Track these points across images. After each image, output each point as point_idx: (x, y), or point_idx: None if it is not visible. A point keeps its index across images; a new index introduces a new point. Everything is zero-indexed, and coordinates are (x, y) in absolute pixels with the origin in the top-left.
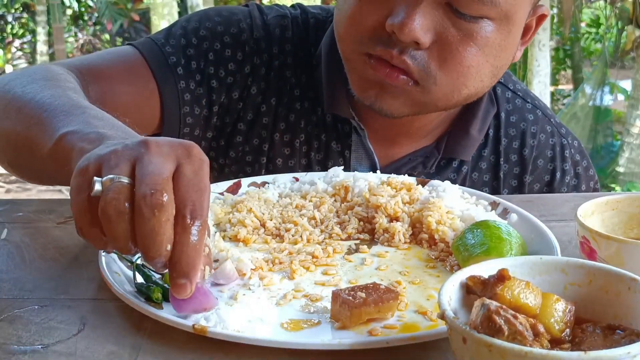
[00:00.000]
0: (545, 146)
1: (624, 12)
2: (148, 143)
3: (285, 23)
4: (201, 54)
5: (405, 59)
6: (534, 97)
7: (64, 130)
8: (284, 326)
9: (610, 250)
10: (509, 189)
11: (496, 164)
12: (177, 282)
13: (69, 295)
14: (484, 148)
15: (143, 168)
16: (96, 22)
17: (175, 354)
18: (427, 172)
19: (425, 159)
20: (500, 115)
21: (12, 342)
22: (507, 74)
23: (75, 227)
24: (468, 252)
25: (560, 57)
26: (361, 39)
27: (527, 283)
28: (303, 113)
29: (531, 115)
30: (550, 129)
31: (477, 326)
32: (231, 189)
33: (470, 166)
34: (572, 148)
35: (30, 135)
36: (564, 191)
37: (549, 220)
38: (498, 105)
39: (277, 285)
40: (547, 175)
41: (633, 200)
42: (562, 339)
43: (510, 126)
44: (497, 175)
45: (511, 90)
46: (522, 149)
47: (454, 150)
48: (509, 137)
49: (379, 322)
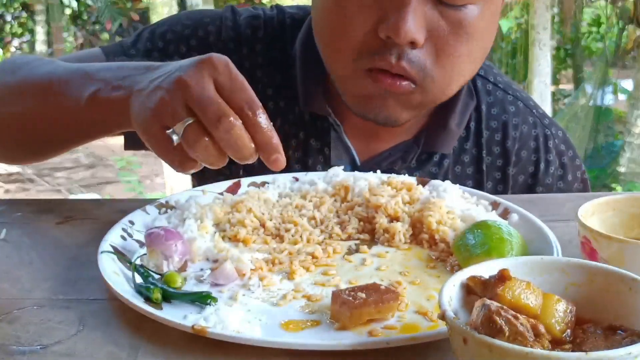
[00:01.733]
0: (528, 137)
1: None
2: (182, 81)
3: (256, 23)
4: (165, 58)
5: (403, 64)
6: (516, 89)
7: (92, 89)
8: (284, 327)
9: (611, 251)
10: (493, 181)
11: (479, 157)
12: (272, 159)
13: (68, 295)
14: (466, 141)
15: (196, 105)
16: (95, 21)
17: (175, 354)
18: (408, 167)
19: (405, 153)
20: (481, 108)
21: (11, 343)
22: (488, 67)
23: (172, 167)
24: (469, 253)
25: (561, 57)
26: (356, 54)
27: (527, 283)
28: (278, 112)
29: (512, 107)
30: (533, 119)
31: (478, 327)
32: (231, 189)
33: (453, 159)
34: (556, 138)
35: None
36: (549, 182)
37: (550, 220)
38: (478, 98)
39: (276, 285)
40: (531, 167)
41: (634, 200)
42: (563, 339)
43: (492, 118)
44: (480, 168)
45: (492, 82)
46: (505, 141)
47: (433, 144)
48: (490, 130)
49: (379, 322)
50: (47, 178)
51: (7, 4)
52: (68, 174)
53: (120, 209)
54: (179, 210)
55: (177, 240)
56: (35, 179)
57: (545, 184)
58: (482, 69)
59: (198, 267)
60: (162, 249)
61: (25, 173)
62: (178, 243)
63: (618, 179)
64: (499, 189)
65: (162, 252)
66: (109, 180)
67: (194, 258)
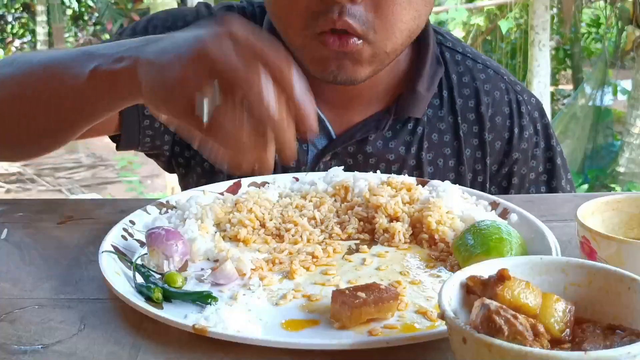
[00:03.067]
0: (501, 103)
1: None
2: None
3: (230, 14)
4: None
5: (347, 19)
6: (486, 59)
7: (94, 64)
8: (284, 326)
9: (610, 251)
10: (471, 148)
11: (455, 124)
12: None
13: (69, 295)
14: (440, 109)
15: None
16: (96, 22)
17: (175, 353)
18: (383, 136)
19: (378, 122)
20: (451, 77)
21: (12, 342)
22: (454, 40)
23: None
24: (468, 252)
25: (560, 57)
26: (305, 22)
27: (527, 283)
28: None
29: (483, 75)
30: (505, 85)
31: (477, 326)
32: (231, 189)
33: (429, 128)
34: (529, 105)
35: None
36: (524, 147)
37: (549, 220)
38: (447, 66)
39: (277, 285)
40: (506, 132)
41: (633, 201)
42: (562, 339)
43: (464, 86)
44: (457, 135)
45: (460, 52)
46: (478, 107)
47: (405, 109)
48: (463, 97)
49: (379, 322)
50: (47, 178)
51: (8, 4)
52: (69, 174)
53: (121, 209)
54: (180, 210)
55: (178, 240)
56: (36, 179)
57: (521, 149)
58: (449, 42)
59: (198, 267)
60: (163, 248)
61: (26, 173)
62: (179, 243)
63: (617, 179)
64: (477, 155)
65: (163, 252)
66: (109, 180)
67: (195, 258)
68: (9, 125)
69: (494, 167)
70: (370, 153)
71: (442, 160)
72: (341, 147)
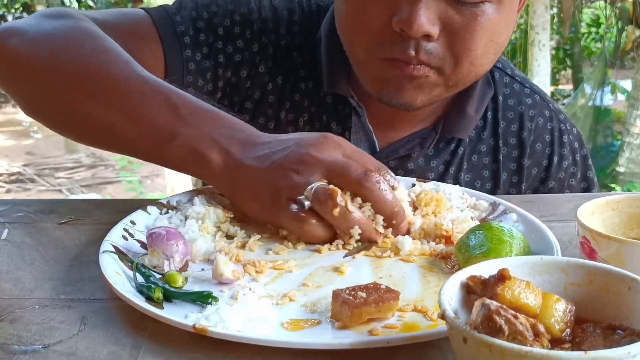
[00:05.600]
0: (544, 130)
1: (624, 12)
2: (312, 156)
3: (292, 7)
4: (211, 28)
5: (422, 56)
6: (533, 84)
7: (179, 139)
8: (285, 326)
9: (610, 251)
10: (508, 172)
11: (495, 147)
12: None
13: (70, 295)
14: (483, 130)
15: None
16: None
17: (176, 353)
18: (425, 154)
19: (423, 140)
20: (498, 99)
21: (13, 342)
22: (505, 61)
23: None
24: (469, 253)
25: (560, 57)
26: (375, 44)
27: (527, 283)
28: (307, 93)
29: (529, 99)
30: (549, 113)
31: (478, 326)
32: None
33: (470, 149)
34: (571, 134)
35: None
36: (561, 176)
37: (549, 220)
38: (495, 88)
39: (277, 285)
40: (545, 160)
41: (633, 201)
42: (563, 338)
43: (508, 109)
44: (496, 158)
45: (509, 75)
46: (521, 132)
47: (451, 129)
48: (507, 120)
49: (380, 321)
50: (48, 178)
51: (8, 4)
52: (69, 174)
53: (121, 209)
54: (180, 210)
55: (178, 240)
56: (36, 179)
57: (558, 178)
58: (499, 62)
59: (199, 267)
60: (164, 248)
61: (26, 173)
62: (179, 243)
63: (617, 179)
64: (513, 179)
65: (164, 252)
66: (109, 180)
67: (195, 258)
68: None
69: (528, 192)
70: (411, 170)
71: (479, 182)
72: (383, 161)
